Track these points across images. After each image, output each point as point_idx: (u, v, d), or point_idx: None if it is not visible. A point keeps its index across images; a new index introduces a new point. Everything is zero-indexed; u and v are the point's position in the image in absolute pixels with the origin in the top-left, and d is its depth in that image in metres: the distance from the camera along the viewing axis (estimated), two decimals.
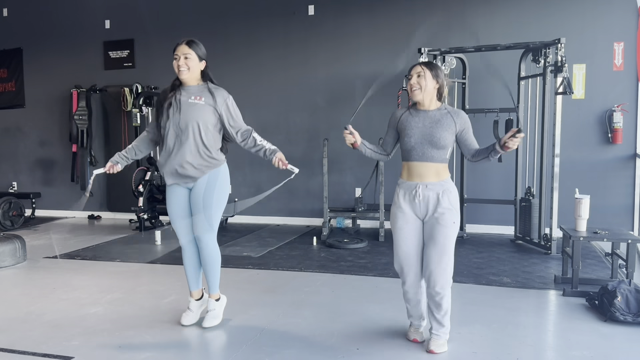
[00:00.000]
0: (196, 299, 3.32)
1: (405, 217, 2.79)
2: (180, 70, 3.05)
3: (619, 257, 3.89)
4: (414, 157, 2.77)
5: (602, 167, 5.73)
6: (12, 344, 2.99)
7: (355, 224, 6.42)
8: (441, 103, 2.84)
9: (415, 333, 2.98)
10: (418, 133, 2.76)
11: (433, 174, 2.75)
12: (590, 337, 3.02)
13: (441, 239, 2.71)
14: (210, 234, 3.13)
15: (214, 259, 3.19)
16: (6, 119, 8.07)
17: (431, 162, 2.75)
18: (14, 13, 7.89)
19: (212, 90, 3.08)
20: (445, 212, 2.71)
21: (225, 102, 3.07)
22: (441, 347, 2.82)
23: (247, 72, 6.78)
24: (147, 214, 6.01)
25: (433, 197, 2.73)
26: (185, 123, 3.01)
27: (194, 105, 3.02)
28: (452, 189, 2.78)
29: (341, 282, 4.18)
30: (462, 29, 6.08)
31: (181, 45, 3.06)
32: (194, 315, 3.30)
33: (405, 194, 2.80)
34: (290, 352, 2.86)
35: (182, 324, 3.25)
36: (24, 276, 4.53)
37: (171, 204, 3.18)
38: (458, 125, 2.78)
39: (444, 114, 2.78)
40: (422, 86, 2.74)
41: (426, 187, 2.74)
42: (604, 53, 5.67)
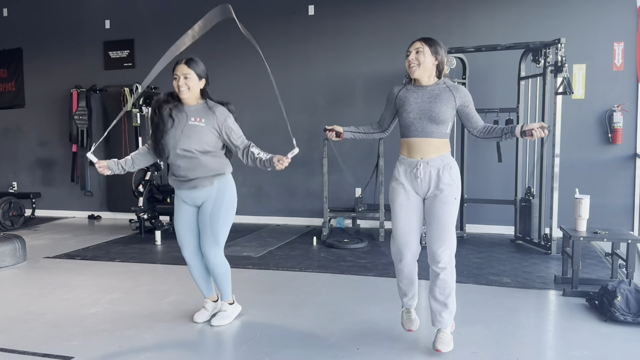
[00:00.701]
0: (214, 300, 3.40)
1: (407, 194, 2.76)
2: (180, 90, 3.03)
3: (619, 257, 3.89)
4: (413, 133, 2.73)
5: (602, 167, 5.73)
6: (12, 344, 2.99)
7: (355, 224, 6.42)
8: (439, 79, 2.80)
9: (408, 321, 2.96)
10: (417, 108, 2.72)
11: (433, 150, 2.71)
12: (590, 337, 3.02)
13: (443, 216, 2.68)
14: (217, 249, 3.14)
15: (223, 273, 3.22)
16: (6, 119, 8.07)
17: (431, 138, 2.71)
18: (14, 13, 7.89)
19: (212, 108, 3.06)
20: (446, 188, 2.68)
21: (225, 121, 3.05)
22: (448, 344, 2.74)
23: (247, 72, 6.78)
24: (147, 214, 6.00)
25: (434, 174, 2.70)
26: (187, 145, 3.00)
27: (195, 127, 3.00)
28: (452, 164, 2.74)
29: (341, 282, 4.18)
30: (462, 29, 6.08)
31: (180, 64, 3.06)
32: (207, 314, 3.34)
33: (407, 171, 2.76)
34: (290, 352, 2.86)
35: (195, 321, 3.29)
36: (24, 276, 4.53)
37: (178, 220, 3.19)
38: (458, 100, 2.74)
39: (443, 89, 2.75)
40: (420, 62, 2.70)
41: (427, 164, 2.70)
42: (604, 53, 5.67)
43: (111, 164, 3.14)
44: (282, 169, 3.02)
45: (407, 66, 2.74)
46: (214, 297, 3.40)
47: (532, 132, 2.60)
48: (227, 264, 3.24)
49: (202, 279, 3.30)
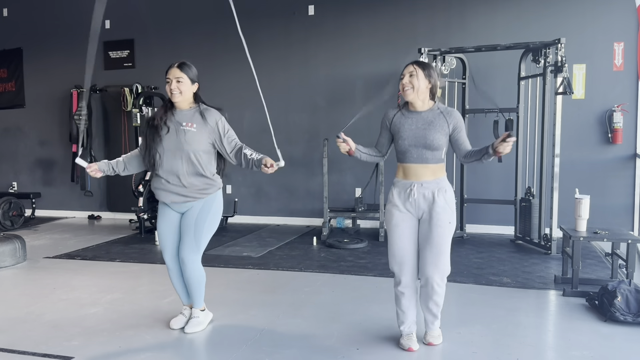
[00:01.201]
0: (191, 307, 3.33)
1: (401, 215, 2.77)
2: (172, 94, 3.03)
3: (619, 257, 3.89)
4: (409, 160, 2.76)
5: (602, 167, 5.73)
6: (12, 344, 2.99)
7: (355, 224, 6.42)
8: (434, 103, 2.79)
9: (409, 341, 2.86)
10: (411, 135, 2.73)
11: (429, 174, 2.74)
12: (590, 337, 3.02)
13: (437, 239, 2.70)
14: (196, 255, 3.10)
15: (198, 280, 3.16)
16: (6, 119, 8.07)
17: (427, 164, 2.73)
18: (14, 13, 7.89)
19: (203, 113, 3.06)
20: (441, 211, 2.70)
21: (217, 125, 3.05)
22: (438, 338, 2.91)
23: (247, 72, 6.75)
24: (147, 214, 6.00)
25: (428, 196, 2.72)
26: (179, 150, 2.99)
27: (187, 133, 3.00)
28: (447, 187, 2.76)
29: (341, 282, 4.18)
30: (462, 29, 6.08)
31: (173, 68, 3.04)
32: (185, 321, 3.27)
33: (400, 193, 2.78)
34: (290, 352, 2.86)
35: (172, 327, 3.23)
36: (24, 276, 4.53)
37: (161, 224, 3.17)
38: (451, 126, 2.73)
39: (437, 115, 2.74)
40: (414, 86, 2.70)
41: (421, 185, 2.73)
42: (604, 53, 5.67)
43: (102, 165, 3.13)
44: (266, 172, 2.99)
45: (401, 89, 2.74)
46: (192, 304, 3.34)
47: (499, 146, 2.50)
48: (203, 271, 3.18)
49: (181, 284, 3.24)
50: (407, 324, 2.90)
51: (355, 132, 3.00)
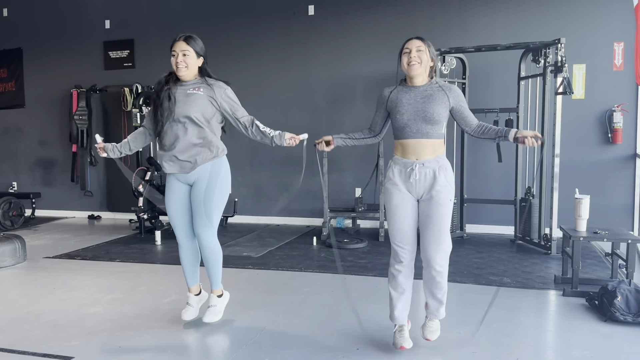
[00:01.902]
0: (195, 294, 3.34)
1: (402, 195, 2.73)
2: (178, 67, 3.02)
3: (619, 257, 3.89)
4: (408, 135, 2.70)
5: (602, 167, 5.73)
6: (12, 344, 2.99)
7: (355, 224, 6.42)
8: (430, 79, 2.77)
9: (402, 338, 2.81)
10: (410, 109, 2.68)
11: (429, 151, 2.69)
12: (590, 337, 3.02)
13: (439, 219, 2.67)
14: (210, 230, 3.09)
15: (215, 256, 3.17)
16: (6, 119, 8.07)
17: (427, 139, 2.68)
18: (14, 13, 7.89)
19: (210, 83, 3.05)
20: (442, 189, 2.66)
21: (224, 93, 3.04)
22: (436, 332, 2.86)
23: (247, 72, 6.79)
24: (147, 214, 6.00)
25: (429, 175, 2.67)
26: (184, 113, 2.98)
27: (192, 96, 2.99)
28: (447, 165, 2.72)
29: (341, 282, 4.18)
30: (462, 29, 6.08)
31: (178, 41, 3.03)
32: (194, 310, 3.31)
33: (401, 172, 2.73)
34: (290, 352, 2.86)
35: (183, 319, 3.26)
36: (24, 276, 4.53)
37: (170, 199, 3.14)
38: (452, 100, 2.71)
39: (436, 89, 2.71)
40: (422, 60, 2.67)
41: (423, 165, 2.68)
42: (604, 53, 5.67)
43: (108, 146, 3.18)
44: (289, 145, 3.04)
45: (406, 63, 2.69)
46: (196, 289, 3.34)
47: (525, 140, 2.60)
48: (220, 247, 3.18)
49: (191, 263, 3.25)
50: (399, 309, 2.84)
51: (354, 129, 2.99)
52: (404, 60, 2.70)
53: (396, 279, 2.83)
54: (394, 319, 2.88)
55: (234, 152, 3.51)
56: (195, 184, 3.08)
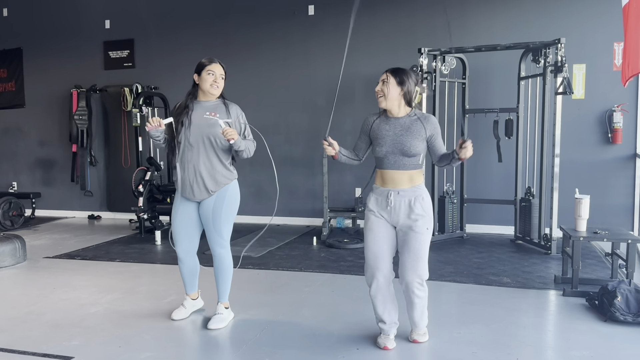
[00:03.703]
0: (192, 298, 3.45)
1: (377, 220, 2.79)
2: (213, 87, 3.14)
3: (619, 257, 3.89)
4: (386, 166, 2.77)
5: (602, 167, 5.73)
6: (12, 344, 3.00)
7: (355, 224, 6.42)
8: (411, 109, 2.80)
9: (386, 340, 2.88)
10: (389, 142, 2.74)
11: (406, 181, 2.75)
12: (590, 337, 3.02)
13: (416, 245, 2.72)
14: (223, 244, 3.21)
15: (226, 270, 3.27)
16: (6, 119, 8.07)
17: (404, 170, 2.75)
18: (14, 13, 7.89)
19: (227, 105, 3.20)
20: (419, 218, 2.72)
21: (238, 119, 3.20)
22: (424, 336, 2.93)
23: (247, 72, 6.79)
24: (147, 214, 6.00)
25: (405, 204, 2.73)
26: (200, 137, 3.09)
27: (209, 120, 3.11)
28: (424, 195, 2.77)
29: (341, 282, 4.18)
30: (462, 29, 6.08)
31: (217, 64, 3.17)
32: (185, 312, 3.39)
33: (378, 199, 2.80)
34: (290, 352, 2.86)
35: (173, 319, 3.33)
36: (24, 276, 4.53)
37: (177, 215, 3.23)
38: (428, 131, 2.75)
39: (414, 121, 2.76)
40: (385, 93, 2.74)
41: (398, 193, 2.74)
42: (604, 53, 5.67)
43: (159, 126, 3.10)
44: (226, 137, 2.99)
45: (377, 97, 2.79)
46: (195, 294, 3.46)
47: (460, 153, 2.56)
48: (232, 262, 3.29)
49: (190, 276, 3.37)
50: (387, 322, 2.89)
51: (351, 131, 2.99)
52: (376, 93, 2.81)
53: (375, 299, 2.86)
54: (379, 321, 2.93)
55: None
56: (202, 202, 3.18)
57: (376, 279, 2.81)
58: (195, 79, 3.16)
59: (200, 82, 3.14)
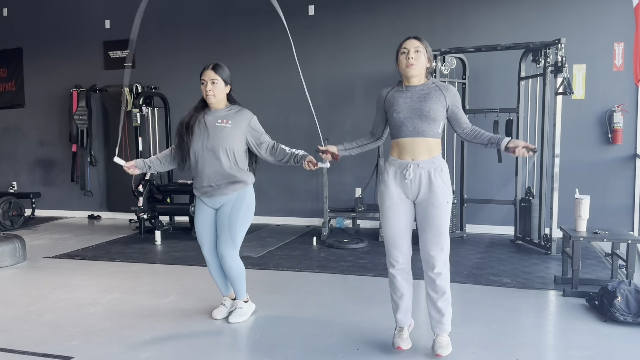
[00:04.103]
0: (232, 298, 3.48)
1: (395, 197, 2.68)
2: (208, 95, 3.13)
3: (619, 257, 3.89)
4: (404, 133, 2.66)
5: (602, 167, 5.73)
6: (12, 344, 2.99)
7: (355, 224, 6.42)
8: (427, 79, 2.74)
9: (400, 339, 2.81)
10: (406, 108, 2.65)
11: (425, 151, 2.64)
12: (590, 337, 3.02)
13: (436, 220, 2.62)
14: (233, 251, 3.21)
15: (238, 273, 3.29)
16: (6, 119, 8.07)
17: (423, 137, 2.64)
18: (14, 13, 7.89)
19: (237, 112, 3.19)
20: (438, 191, 2.62)
21: (249, 124, 3.18)
22: (447, 348, 2.75)
23: (247, 72, 6.79)
24: (147, 214, 6.00)
25: (425, 176, 2.63)
26: (213, 146, 3.10)
27: (222, 129, 3.11)
28: (443, 166, 2.67)
29: (341, 282, 4.18)
30: (462, 29, 6.08)
31: (208, 70, 3.14)
32: (226, 311, 3.42)
33: (397, 173, 2.68)
34: (290, 352, 2.86)
35: (214, 317, 3.37)
36: (24, 276, 4.53)
37: (199, 219, 3.29)
38: (448, 99, 2.66)
39: (432, 88, 2.67)
40: (420, 62, 2.65)
41: (417, 165, 2.63)
42: (604, 53, 5.67)
43: (139, 163, 3.26)
44: (307, 169, 3.08)
45: (405, 65, 2.65)
46: (232, 294, 3.47)
47: (516, 150, 2.54)
48: (242, 265, 3.30)
49: (220, 277, 3.39)
50: (402, 310, 2.83)
51: (354, 130, 2.98)
52: (402, 60, 2.68)
53: (393, 283, 2.81)
54: (396, 321, 2.88)
55: None
56: (220, 208, 3.22)
57: (397, 258, 2.73)
58: None
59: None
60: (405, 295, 2.82)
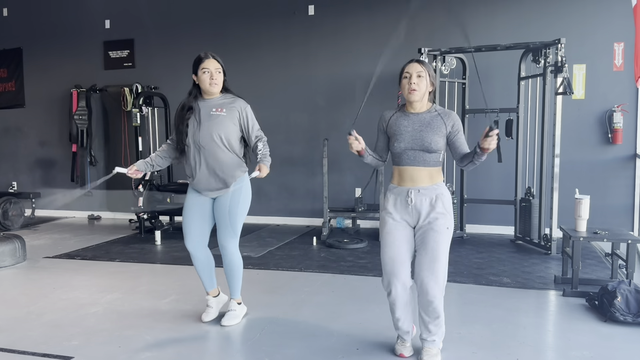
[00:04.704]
0: (213, 296, 3.41)
1: (395, 223, 2.66)
2: (211, 84, 3.11)
3: (619, 257, 3.89)
4: (405, 162, 2.65)
5: (602, 167, 5.73)
6: (12, 344, 2.99)
7: (355, 224, 6.42)
8: (431, 104, 2.72)
9: (402, 347, 2.81)
10: (408, 137, 2.63)
11: (427, 178, 2.63)
12: (590, 337, 3.02)
13: (433, 245, 2.57)
14: (235, 241, 3.20)
15: (238, 266, 3.27)
16: (6, 119, 8.07)
17: (424, 167, 2.63)
18: (14, 13, 7.89)
19: (232, 100, 3.17)
20: (439, 217, 2.59)
21: (244, 110, 3.17)
22: (434, 357, 2.69)
23: (247, 72, 6.78)
24: (147, 214, 6.00)
25: (426, 203, 2.61)
26: (209, 135, 3.08)
27: (216, 117, 3.09)
28: (445, 193, 2.65)
29: (341, 282, 4.18)
30: (462, 29, 6.08)
31: (210, 59, 3.12)
32: (214, 312, 3.38)
33: (397, 200, 2.67)
34: (290, 352, 2.86)
35: (203, 320, 3.32)
36: (24, 276, 4.53)
37: (189, 209, 3.21)
38: (448, 127, 2.63)
39: (434, 116, 2.65)
40: (421, 88, 2.62)
41: (418, 192, 2.62)
42: (604, 53, 5.67)
43: (140, 165, 3.22)
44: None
45: (407, 90, 2.62)
46: (215, 291, 3.42)
47: (483, 144, 2.43)
48: (241, 258, 3.28)
49: (205, 270, 3.33)
50: (402, 327, 2.79)
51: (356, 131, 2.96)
52: (404, 84, 2.64)
53: (394, 305, 2.74)
54: (396, 328, 2.84)
55: None
56: (218, 198, 3.18)
57: (394, 286, 2.67)
58: (194, 79, 3.15)
59: (199, 81, 3.12)
60: (404, 314, 2.77)
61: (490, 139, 2.40)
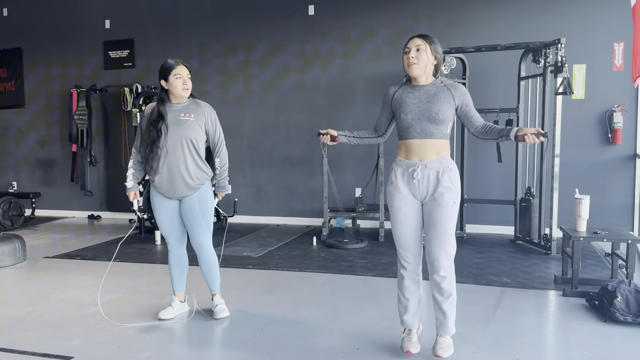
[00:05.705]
0: (180, 300, 3.51)
1: (403, 198, 2.66)
2: (184, 89, 3.18)
3: (619, 257, 3.89)
4: (412, 135, 2.63)
5: (602, 167, 5.73)
6: (12, 344, 2.99)
7: (355, 224, 6.42)
8: (436, 78, 2.71)
9: (409, 342, 2.76)
10: (414, 109, 2.61)
11: (433, 152, 2.61)
12: (590, 337, 3.02)
13: (442, 221, 2.58)
14: (210, 235, 3.31)
15: (215, 262, 3.38)
16: (6, 119, 8.07)
17: (431, 139, 2.60)
18: (14, 13, 7.89)
19: (198, 105, 3.24)
20: (445, 191, 2.58)
21: (210, 116, 3.26)
22: (448, 349, 2.69)
23: (247, 72, 6.79)
24: (146, 214, 6.00)
25: (433, 177, 2.59)
26: (179, 139, 3.15)
27: (185, 122, 3.17)
28: (452, 166, 2.63)
29: (341, 282, 4.18)
30: (462, 29, 6.08)
31: (181, 66, 3.19)
32: (173, 312, 3.43)
33: (404, 173, 2.65)
34: (290, 352, 2.86)
35: (160, 318, 3.37)
36: (24, 276, 4.53)
37: (161, 215, 3.31)
38: (457, 99, 2.64)
39: (441, 88, 2.64)
40: (421, 61, 2.61)
41: (425, 166, 2.60)
42: (604, 53, 5.67)
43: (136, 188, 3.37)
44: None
45: (407, 65, 2.64)
46: (182, 296, 3.51)
47: (525, 137, 2.50)
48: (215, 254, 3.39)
49: (179, 269, 3.45)
50: (409, 312, 2.78)
51: (356, 130, 2.97)
52: (405, 60, 2.65)
53: (403, 282, 2.77)
54: (403, 323, 2.83)
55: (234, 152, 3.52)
56: (185, 199, 3.25)
57: (406, 260, 2.71)
58: (164, 85, 3.19)
59: (170, 87, 3.17)
60: (414, 296, 2.77)
61: (534, 138, 2.48)
